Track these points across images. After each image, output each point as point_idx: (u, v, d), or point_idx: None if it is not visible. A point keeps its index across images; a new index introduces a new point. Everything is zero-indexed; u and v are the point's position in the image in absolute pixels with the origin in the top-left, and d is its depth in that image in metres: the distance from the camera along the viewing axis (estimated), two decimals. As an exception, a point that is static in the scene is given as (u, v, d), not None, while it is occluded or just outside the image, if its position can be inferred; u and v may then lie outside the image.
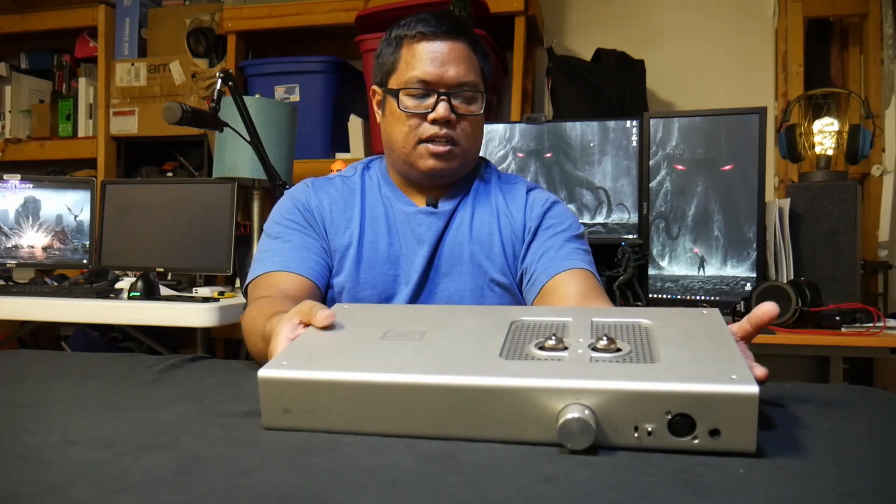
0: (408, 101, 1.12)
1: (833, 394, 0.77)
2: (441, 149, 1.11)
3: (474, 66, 1.14)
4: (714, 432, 0.54)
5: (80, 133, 2.99)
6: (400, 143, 1.14)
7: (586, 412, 0.55)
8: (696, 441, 0.54)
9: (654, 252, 1.94)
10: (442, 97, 1.10)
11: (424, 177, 1.16)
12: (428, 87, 1.11)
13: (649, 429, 0.55)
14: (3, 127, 3.05)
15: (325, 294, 1.14)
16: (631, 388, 0.55)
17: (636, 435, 0.55)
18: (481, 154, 1.24)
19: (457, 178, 1.20)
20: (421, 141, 1.12)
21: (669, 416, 0.55)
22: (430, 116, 1.11)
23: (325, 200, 1.17)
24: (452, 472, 0.52)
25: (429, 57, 1.11)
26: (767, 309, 0.70)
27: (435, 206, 1.18)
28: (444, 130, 1.11)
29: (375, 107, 1.22)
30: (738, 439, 0.54)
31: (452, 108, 1.11)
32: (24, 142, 3.00)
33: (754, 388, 0.53)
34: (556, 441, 0.55)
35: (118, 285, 2.16)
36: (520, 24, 2.41)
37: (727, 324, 0.70)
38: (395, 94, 1.13)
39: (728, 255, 1.87)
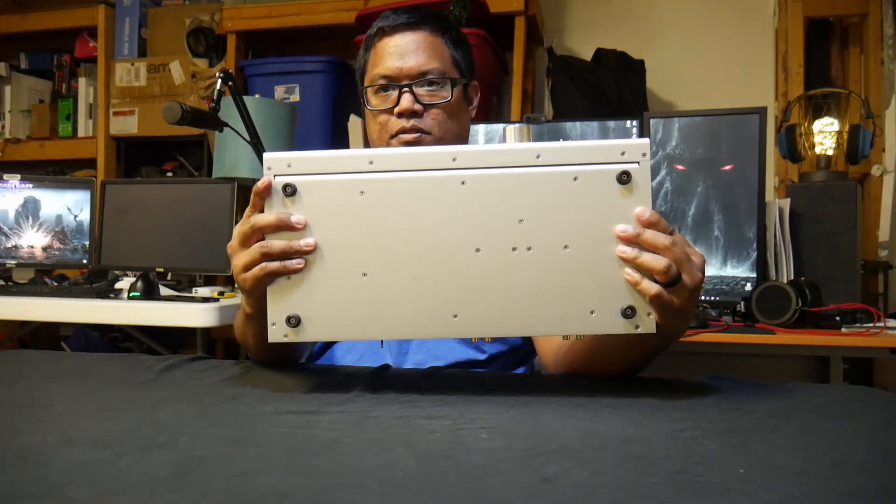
0: (374, 99, 1.12)
1: (833, 394, 0.77)
2: (410, 137, 1.09)
3: (439, 53, 1.11)
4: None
5: (80, 133, 2.98)
6: (375, 142, 1.13)
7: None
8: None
9: (654, 252, 1.94)
10: (404, 90, 1.08)
11: None
12: (391, 82, 1.10)
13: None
14: (3, 127, 3.05)
15: None
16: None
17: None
18: None
19: None
20: (392, 136, 1.10)
21: None
22: (396, 110, 1.09)
23: None
24: (452, 472, 0.52)
25: (388, 52, 1.10)
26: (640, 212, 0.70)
27: None
28: (412, 122, 1.08)
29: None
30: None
31: (417, 99, 1.08)
32: (23, 142, 3.00)
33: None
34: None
35: (118, 285, 2.16)
36: (520, 24, 2.41)
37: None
38: (364, 93, 1.13)
39: (728, 255, 1.87)
